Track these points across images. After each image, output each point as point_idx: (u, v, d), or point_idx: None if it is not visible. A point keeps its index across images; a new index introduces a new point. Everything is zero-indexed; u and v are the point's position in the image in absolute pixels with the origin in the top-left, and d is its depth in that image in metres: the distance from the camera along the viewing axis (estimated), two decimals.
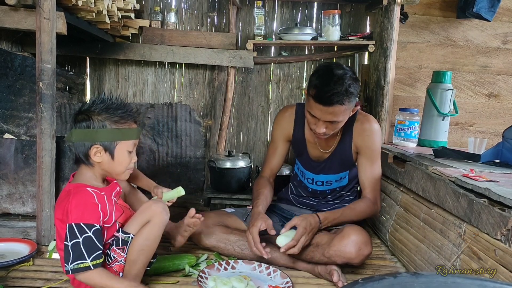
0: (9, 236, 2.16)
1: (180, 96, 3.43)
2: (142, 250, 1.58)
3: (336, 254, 1.92)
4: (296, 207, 2.39)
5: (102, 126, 1.55)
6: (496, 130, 3.43)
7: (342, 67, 1.98)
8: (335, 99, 1.89)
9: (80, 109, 1.59)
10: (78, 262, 1.45)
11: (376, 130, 2.19)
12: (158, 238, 1.63)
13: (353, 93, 1.93)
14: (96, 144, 1.55)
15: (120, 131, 1.58)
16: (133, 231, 1.58)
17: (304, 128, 2.27)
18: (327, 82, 1.90)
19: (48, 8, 1.95)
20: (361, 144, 2.19)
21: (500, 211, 1.43)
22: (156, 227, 1.60)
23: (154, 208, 1.60)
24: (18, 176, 2.22)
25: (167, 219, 1.65)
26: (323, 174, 2.29)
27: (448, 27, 3.34)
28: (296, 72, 3.46)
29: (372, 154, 2.20)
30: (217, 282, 1.78)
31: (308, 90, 1.99)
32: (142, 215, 1.60)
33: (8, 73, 2.35)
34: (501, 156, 2.24)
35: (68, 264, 1.45)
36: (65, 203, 1.52)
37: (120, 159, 1.60)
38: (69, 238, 1.46)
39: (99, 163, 1.59)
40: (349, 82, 1.91)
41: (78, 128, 1.57)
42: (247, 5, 3.34)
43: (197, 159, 3.31)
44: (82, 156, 1.58)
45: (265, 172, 2.37)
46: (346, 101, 1.91)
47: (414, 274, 0.96)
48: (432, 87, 2.91)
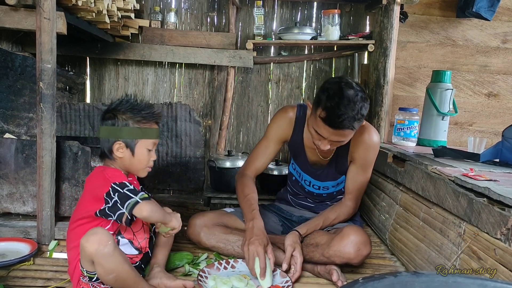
0: (10, 235, 2.16)
1: (180, 96, 3.43)
2: (116, 281, 1.53)
3: (335, 254, 1.92)
4: (295, 208, 2.39)
5: (125, 124, 1.71)
6: (496, 129, 3.43)
7: (352, 85, 1.86)
8: (347, 124, 1.82)
9: (108, 108, 1.75)
10: (128, 203, 1.54)
11: (374, 143, 2.15)
12: (117, 264, 1.51)
13: (363, 115, 1.87)
14: (119, 140, 1.70)
15: (141, 130, 1.72)
16: (92, 270, 1.54)
17: (303, 132, 2.21)
18: (337, 105, 1.80)
19: (48, 8, 1.95)
20: (356, 155, 2.16)
21: (500, 210, 1.44)
22: (102, 263, 1.48)
23: (87, 250, 1.48)
24: (19, 175, 2.22)
25: (108, 246, 1.48)
26: (321, 181, 2.27)
27: (447, 27, 3.35)
28: (295, 71, 3.46)
29: (365, 164, 2.19)
30: (217, 281, 1.79)
31: (316, 109, 1.89)
32: (84, 256, 1.52)
33: (9, 73, 2.35)
34: (500, 156, 2.24)
35: (124, 208, 1.54)
36: (102, 175, 1.63)
37: (139, 156, 1.73)
38: (112, 193, 1.56)
39: (121, 159, 1.72)
40: (361, 105, 1.83)
41: (105, 125, 1.73)
42: (247, 5, 3.34)
43: (197, 159, 3.31)
44: (107, 151, 1.73)
45: (250, 171, 2.27)
46: (356, 124, 1.86)
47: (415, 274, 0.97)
48: (432, 86, 2.91)
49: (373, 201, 2.70)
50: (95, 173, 1.70)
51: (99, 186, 1.61)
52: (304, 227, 2.11)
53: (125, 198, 1.55)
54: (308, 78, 3.48)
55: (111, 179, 1.60)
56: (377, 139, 2.16)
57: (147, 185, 1.90)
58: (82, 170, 2.25)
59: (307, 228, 2.10)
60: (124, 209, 1.54)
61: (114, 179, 1.60)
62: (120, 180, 1.61)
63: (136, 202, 1.54)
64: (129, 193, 1.56)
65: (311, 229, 2.11)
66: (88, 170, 2.26)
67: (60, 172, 2.22)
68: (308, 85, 3.48)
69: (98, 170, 1.70)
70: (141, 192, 1.59)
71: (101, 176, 1.63)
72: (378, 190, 2.67)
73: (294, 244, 1.99)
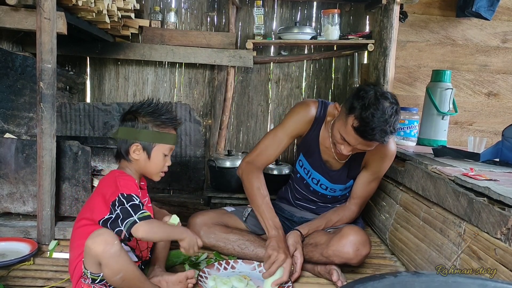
0: (10, 235, 2.16)
1: (180, 96, 3.43)
2: (123, 281, 1.53)
3: (334, 254, 1.92)
4: (296, 208, 2.38)
5: (144, 127, 1.72)
6: (496, 129, 3.43)
7: (388, 96, 1.83)
8: (379, 138, 1.81)
9: (130, 110, 1.76)
10: (126, 221, 1.51)
11: (391, 154, 2.13)
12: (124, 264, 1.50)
13: (396, 129, 1.85)
14: (136, 142, 1.71)
15: (159, 134, 1.73)
16: (96, 271, 1.53)
17: (320, 130, 2.17)
18: (372, 116, 1.76)
19: (49, 8, 1.95)
20: (371, 163, 2.15)
21: (500, 210, 1.44)
22: (110, 264, 1.48)
23: (94, 251, 1.46)
24: (19, 175, 2.23)
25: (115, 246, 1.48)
26: (332, 182, 2.23)
27: (447, 26, 3.35)
28: (295, 71, 3.46)
29: (378, 173, 2.19)
30: (217, 281, 1.79)
31: (347, 113, 1.84)
32: (89, 258, 1.50)
33: (9, 73, 2.35)
34: (500, 155, 2.24)
35: (122, 226, 1.52)
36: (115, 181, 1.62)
37: (155, 160, 1.74)
38: (117, 204, 1.55)
39: (136, 161, 1.73)
40: (394, 119, 1.80)
41: (124, 126, 1.74)
42: (247, 4, 3.34)
43: (197, 158, 3.31)
44: (123, 152, 1.74)
45: (260, 162, 2.19)
46: (387, 138, 1.85)
47: (415, 273, 0.97)
48: (432, 86, 2.91)
49: (373, 201, 2.70)
50: (110, 176, 1.69)
51: (109, 192, 1.60)
52: (306, 227, 2.11)
53: (126, 215, 1.53)
54: (308, 77, 3.48)
55: (121, 188, 1.59)
56: (395, 149, 2.14)
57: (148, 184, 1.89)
58: (82, 170, 2.25)
59: (308, 229, 2.10)
60: (122, 227, 1.52)
61: (123, 189, 1.58)
62: (129, 191, 1.58)
63: (134, 222, 1.51)
64: (131, 210, 1.53)
65: (312, 230, 2.11)
66: (88, 170, 2.26)
67: (60, 172, 2.22)
68: (308, 85, 3.48)
69: (113, 174, 1.68)
70: (141, 211, 1.54)
71: (114, 183, 1.62)
72: (378, 190, 2.65)
73: (295, 244, 1.99)
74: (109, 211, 1.57)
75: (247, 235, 2.16)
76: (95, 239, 1.46)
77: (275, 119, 3.49)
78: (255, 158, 2.19)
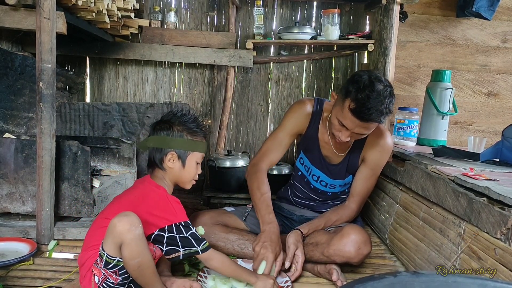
0: (9, 235, 2.16)
1: (180, 96, 3.43)
2: (139, 267, 1.54)
3: (336, 253, 1.92)
4: (296, 207, 2.39)
5: (180, 136, 1.75)
6: (496, 129, 3.43)
7: (382, 79, 1.91)
8: (375, 117, 1.86)
9: (162, 119, 1.80)
10: (189, 249, 1.64)
11: (388, 147, 2.19)
12: (144, 249, 1.53)
13: (391, 110, 1.91)
14: (172, 151, 1.74)
15: (194, 143, 1.78)
16: (114, 254, 1.53)
17: (319, 126, 2.22)
18: (368, 97, 1.83)
19: (48, 7, 1.95)
20: (369, 157, 2.18)
21: (500, 210, 1.44)
22: (132, 245, 1.49)
23: (119, 229, 1.48)
24: (18, 175, 2.22)
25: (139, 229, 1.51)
26: (331, 178, 2.26)
27: (447, 26, 3.35)
28: (295, 71, 3.46)
29: (376, 168, 2.22)
30: (217, 281, 1.79)
31: (343, 98, 1.90)
32: (111, 237, 1.51)
33: (8, 73, 2.35)
34: (500, 155, 2.24)
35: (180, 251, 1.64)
36: (168, 203, 1.68)
37: (189, 168, 1.78)
38: (175, 231, 1.64)
39: (171, 169, 1.76)
40: (389, 100, 1.88)
41: (159, 135, 1.76)
42: (247, 4, 3.34)
43: None
44: (157, 161, 1.76)
45: (264, 163, 2.24)
46: (383, 118, 1.90)
47: (415, 273, 0.97)
48: (432, 86, 2.91)
49: (373, 201, 2.70)
50: (159, 195, 1.71)
51: (162, 215, 1.66)
52: (306, 227, 2.11)
53: (188, 243, 1.64)
54: (308, 77, 3.48)
55: (180, 216, 1.66)
56: (391, 142, 2.21)
57: None
58: (82, 170, 2.25)
59: (309, 228, 2.10)
60: (181, 250, 1.63)
61: (182, 217, 1.67)
62: (185, 219, 1.67)
63: (196, 253, 1.64)
64: (193, 240, 1.64)
65: (312, 229, 2.11)
66: (87, 170, 2.26)
67: (60, 172, 2.22)
68: (308, 85, 3.48)
69: (163, 194, 1.71)
70: (203, 241, 1.65)
71: (168, 206, 1.68)
72: (378, 189, 2.66)
73: (296, 243, 1.99)
74: (157, 229, 1.64)
75: (246, 234, 2.16)
76: (122, 218, 1.48)
77: (275, 119, 3.49)
78: (259, 160, 2.25)
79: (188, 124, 1.77)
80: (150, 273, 1.58)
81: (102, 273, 1.56)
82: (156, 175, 1.79)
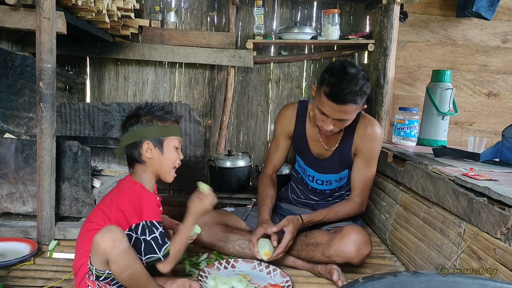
0: (10, 235, 2.16)
1: (180, 96, 3.43)
2: (130, 278, 1.53)
3: (336, 254, 1.92)
4: (296, 206, 2.40)
5: (150, 124, 1.73)
6: (496, 129, 3.43)
7: (355, 65, 1.99)
8: (349, 98, 1.90)
9: (129, 115, 1.77)
10: (150, 256, 1.60)
11: (378, 135, 2.20)
12: (132, 261, 1.51)
13: (366, 92, 1.96)
14: (147, 140, 1.71)
15: (166, 128, 1.75)
16: (102, 268, 1.53)
17: (306, 125, 2.28)
18: (341, 80, 1.90)
19: (48, 7, 1.95)
20: (361, 148, 2.20)
21: (500, 210, 1.44)
22: (118, 261, 1.48)
23: (103, 247, 1.46)
24: (19, 175, 2.23)
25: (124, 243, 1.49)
26: (324, 173, 2.29)
27: (447, 26, 3.35)
28: (295, 71, 3.46)
29: (370, 158, 2.22)
30: (217, 281, 1.79)
31: (320, 87, 1.98)
32: (97, 255, 1.50)
33: (8, 73, 2.35)
34: (500, 155, 2.24)
35: (143, 256, 1.59)
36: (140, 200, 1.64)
37: (168, 153, 1.75)
38: (140, 231, 1.60)
39: (151, 160, 1.73)
40: (363, 82, 1.93)
41: (129, 131, 1.73)
42: (247, 4, 3.34)
43: (197, 158, 3.31)
44: (136, 156, 1.73)
45: (268, 169, 2.39)
46: (359, 100, 1.94)
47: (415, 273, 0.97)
48: (432, 86, 2.91)
49: (373, 201, 2.70)
50: (134, 191, 1.68)
51: (130, 210, 1.62)
52: (308, 217, 2.10)
53: (149, 249, 1.60)
54: (308, 77, 3.48)
55: (145, 214, 1.62)
56: (381, 131, 2.23)
57: None
58: (82, 170, 2.26)
59: (310, 218, 2.10)
60: (143, 257, 1.59)
61: (148, 216, 1.62)
62: (152, 218, 1.63)
63: (158, 260, 1.60)
64: (154, 246, 1.60)
65: (313, 219, 2.10)
66: (88, 170, 2.26)
67: (60, 172, 2.22)
68: (308, 85, 3.48)
69: (137, 190, 1.68)
70: (164, 246, 1.61)
71: (138, 203, 1.64)
72: (378, 189, 2.66)
73: (293, 232, 1.99)
74: (128, 227, 1.61)
75: (247, 234, 2.16)
76: (104, 235, 1.47)
77: (275, 119, 3.48)
78: (265, 167, 2.44)
79: (156, 112, 1.75)
80: (144, 281, 1.57)
81: (96, 284, 1.57)
82: (135, 171, 1.76)
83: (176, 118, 1.82)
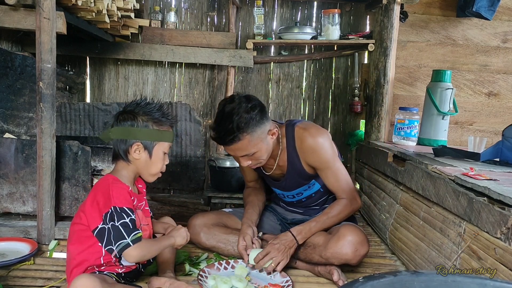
0: (10, 235, 2.17)
1: (180, 96, 3.43)
2: None
3: (333, 256, 1.91)
4: (287, 211, 2.36)
5: (145, 126, 1.69)
6: (496, 128, 3.43)
7: (234, 99, 1.90)
8: (228, 138, 1.86)
9: (125, 109, 1.73)
10: (119, 243, 1.52)
11: (319, 144, 2.04)
12: None
13: (246, 125, 1.84)
14: (138, 141, 1.67)
15: (160, 132, 1.72)
16: None
17: None
18: (218, 123, 1.88)
19: (48, 7, 1.95)
20: (311, 161, 2.08)
21: (500, 210, 1.43)
22: None
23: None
24: (19, 175, 2.23)
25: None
26: (290, 190, 2.22)
27: (447, 26, 3.34)
28: (296, 71, 3.46)
29: (326, 165, 2.07)
30: (217, 281, 1.79)
31: None
32: None
33: (8, 73, 2.35)
34: (500, 155, 2.24)
35: (113, 246, 1.53)
36: (108, 190, 1.59)
37: (156, 158, 1.72)
38: (109, 219, 1.54)
39: (137, 160, 1.70)
40: (238, 118, 1.83)
41: (122, 126, 1.69)
42: (247, 4, 3.34)
43: (197, 158, 3.31)
44: (122, 153, 1.69)
45: (248, 183, 2.39)
46: (241, 136, 1.85)
47: (414, 273, 0.97)
48: (432, 86, 2.91)
49: (373, 201, 2.70)
50: (104, 182, 1.65)
51: (102, 201, 1.59)
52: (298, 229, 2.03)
53: (118, 235, 1.53)
54: (308, 77, 3.48)
55: (114, 199, 1.57)
56: (320, 139, 2.05)
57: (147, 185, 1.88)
58: (82, 169, 2.26)
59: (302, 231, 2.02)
60: (114, 247, 1.53)
61: (116, 201, 1.57)
62: (122, 203, 1.57)
63: (127, 245, 1.52)
64: (123, 231, 1.53)
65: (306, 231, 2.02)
66: (88, 170, 2.26)
67: (60, 172, 2.22)
68: (308, 85, 3.48)
69: (107, 181, 1.64)
70: (133, 232, 1.54)
71: (107, 191, 1.59)
72: (378, 189, 2.66)
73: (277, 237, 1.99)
74: (102, 221, 1.56)
75: None
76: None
77: (275, 119, 3.48)
78: (246, 182, 2.42)
79: (153, 113, 1.71)
80: None
81: None
82: (116, 168, 1.73)
83: (172, 122, 1.79)
